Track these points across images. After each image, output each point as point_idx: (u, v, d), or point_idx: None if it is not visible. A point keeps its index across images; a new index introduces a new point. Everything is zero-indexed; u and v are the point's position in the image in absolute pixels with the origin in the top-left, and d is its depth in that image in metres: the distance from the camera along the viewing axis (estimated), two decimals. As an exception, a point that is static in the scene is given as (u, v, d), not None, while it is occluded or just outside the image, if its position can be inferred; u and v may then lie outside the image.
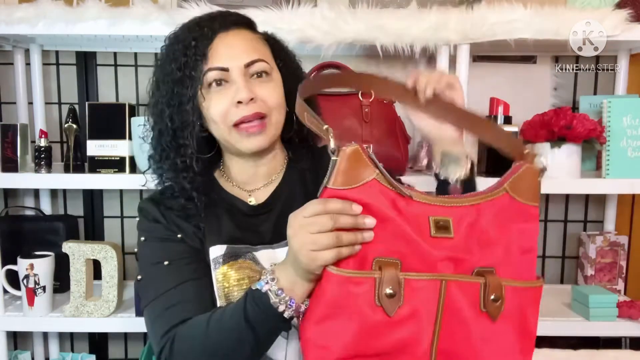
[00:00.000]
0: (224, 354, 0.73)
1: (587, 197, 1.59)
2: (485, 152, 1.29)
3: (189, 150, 0.83)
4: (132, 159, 1.29)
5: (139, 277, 0.84)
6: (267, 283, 0.70)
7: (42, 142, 1.28)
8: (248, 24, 0.87)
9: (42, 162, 1.28)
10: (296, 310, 0.69)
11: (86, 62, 1.53)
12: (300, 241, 0.64)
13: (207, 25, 0.82)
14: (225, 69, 0.81)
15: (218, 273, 0.82)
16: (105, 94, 1.56)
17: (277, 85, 0.84)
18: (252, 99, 0.79)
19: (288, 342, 0.83)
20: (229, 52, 0.81)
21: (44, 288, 1.27)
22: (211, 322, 0.74)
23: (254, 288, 0.71)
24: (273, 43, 0.89)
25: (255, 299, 0.71)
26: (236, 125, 0.80)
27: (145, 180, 0.93)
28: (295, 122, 0.87)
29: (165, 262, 0.81)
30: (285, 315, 0.69)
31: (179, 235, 0.84)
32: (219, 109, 0.81)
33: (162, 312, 0.79)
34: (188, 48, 0.81)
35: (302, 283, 0.68)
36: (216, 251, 0.83)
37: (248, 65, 0.81)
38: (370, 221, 0.63)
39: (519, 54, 1.51)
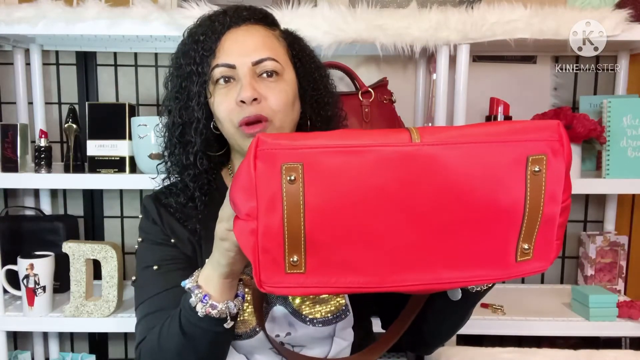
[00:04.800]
0: None
1: (587, 197, 1.59)
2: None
3: (194, 147, 0.82)
4: (132, 159, 1.29)
5: (134, 278, 0.85)
6: (189, 281, 0.70)
7: (42, 142, 1.28)
8: (263, 19, 0.84)
9: (42, 162, 1.28)
10: (214, 308, 0.68)
11: (86, 62, 1.53)
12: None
13: (219, 20, 0.80)
14: (232, 66, 0.78)
15: None
16: (105, 94, 1.56)
17: (287, 86, 0.80)
18: (255, 99, 0.76)
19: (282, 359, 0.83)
20: (238, 48, 0.78)
21: (44, 288, 1.27)
22: (162, 332, 0.73)
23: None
24: (291, 40, 0.86)
25: (184, 301, 0.71)
26: (241, 125, 0.78)
27: (156, 175, 0.92)
28: (309, 125, 0.86)
29: (155, 267, 0.81)
30: (200, 313, 0.68)
31: (172, 240, 0.83)
32: (224, 107, 0.79)
33: (142, 318, 0.79)
34: (197, 43, 0.80)
35: (217, 277, 0.67)
36: None
37: (256, 63, 0.78)
38: None
39: (519, 54, 1.51)
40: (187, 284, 0.70)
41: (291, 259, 0.55)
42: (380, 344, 0.80)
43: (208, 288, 0.68)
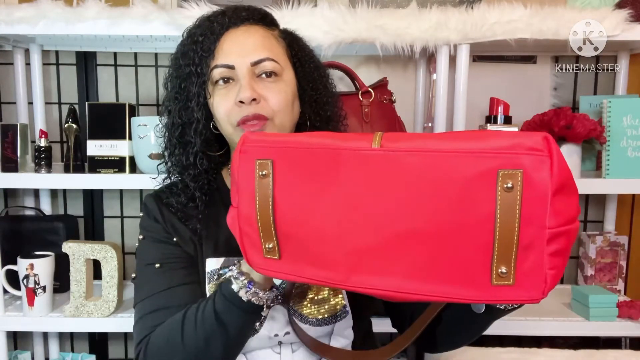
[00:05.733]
0: (196, 352, 0.72)
1: (587, 197, 1.59)
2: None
3: (194, 148, 0.82)
4: (132, 159, 1.29)
5: (134, 275, 0.85)
6: (230, 270, 0.71)
7: (42, 142, 1.28)
8: (262, 19, 0.84)
9: (42, 162, 1.28)
10: (255, 295, 0.69)
11: (86, 62, 1.53)
12: None
13: (217, 20, 0.80)
14: (231, 67, 0.78)
15: (212, 287, 0.82)
16: (105, 94, 1.56)
17: (286, 87, 0.80)
18: (254, 100, 0.76)
19: (281, 357, 0.83)
20: (236, 49, 0.79)
21: (44, 288, 1.27)
22: (186, 322, 0.73)
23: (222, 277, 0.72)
24: (290, 40, 0.86)
25: (222, 289, 0.71)
26: (239, 124, 0.78)
27: (156, 175, 0.92)
28: (308, 125, 0.86)
29: (157, 265, 0.81)
30: (244, 298, 0.68)
31: (175, 239, 0.83)
32: (223, 107, 0.79)
33: (143, 315, 0.79)
34: (196, 43, 0.80)
35: None
36: (212, 264, 0.83)
37: (255, 63, 0.78)
38: None
39: (519, 54, 1.51)
40: (228, 272, 0.72)
41: (267, 245, 0.60)
42: (388, 349, 0.79)
43: (253, 275, 0.69)
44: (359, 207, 0.53)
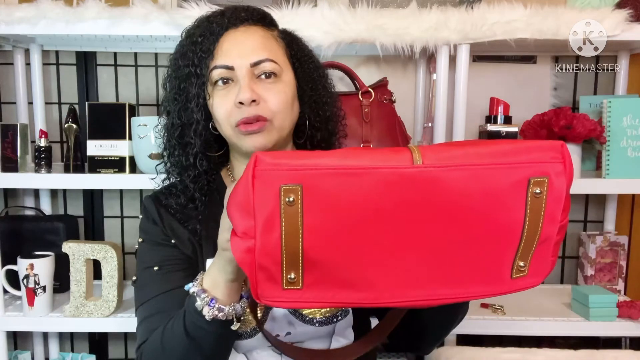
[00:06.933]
0: None
1: (587, 197, 1.59)
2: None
3: (193, 149, 0.82)
4: (132, 159, 1.29)
5: (134, 277, 0.85)
6: (193, 285, 0.70)
7: (42, 142, 1.28)
8: (262, 20, 0.83)
9: (42, 162, 1.28)
10: (220, 311, 0.67)
11: (86, 62, 1.53)
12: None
13: (216, 21, 0.80)
14: (231, 67, 0.78)
15: None
16: (105, 94, 1.56)
17: (285, 87, 0.80)
18: (254, 101, 0.76)
19: (282, 357, 0.83)
20: (236, 50, 0.78)
21: (44, 288, 1.27)
22: (165, 334, 0.73)
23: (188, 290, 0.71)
24: (289, 41, 0.86)
25: (188, 305, 0.70)
26: (239, 125, 0.78)
27: (155, 175, 0.91)
28: (308, 125, 0.86)
29: (155, 268, 0.81)
30: (207, 317, 0.67)
31: (173, 241, 0.83)
32: (223, 108, 0.78)
33: (144, 319, 0.79)
34: (195, 44, 0.79)
35: (223, 281, 0.67)
36: None
37: (254, 64, 0.78)
38: None
39: (519, 54, 1.51)
40: (191, 288, 0.70)
41: (288, 276, 0.55)
42: (372, 336, 0.79)
43: (215, 292, 0.68)
44: (397, 224, 0.53)
